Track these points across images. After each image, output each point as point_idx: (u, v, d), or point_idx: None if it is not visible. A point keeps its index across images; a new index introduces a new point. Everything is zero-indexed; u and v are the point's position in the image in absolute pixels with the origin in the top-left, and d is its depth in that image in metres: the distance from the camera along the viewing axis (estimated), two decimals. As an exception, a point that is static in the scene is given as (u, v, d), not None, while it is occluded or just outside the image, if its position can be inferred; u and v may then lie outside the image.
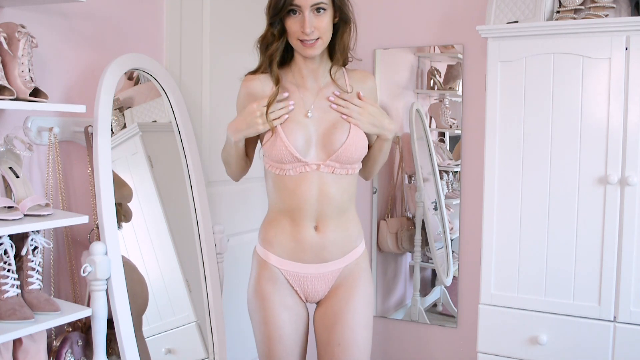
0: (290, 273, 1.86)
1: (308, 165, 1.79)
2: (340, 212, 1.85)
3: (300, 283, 1.87)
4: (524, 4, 2.32)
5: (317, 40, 1.76)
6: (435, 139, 2.95)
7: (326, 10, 1.76)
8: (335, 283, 1.89)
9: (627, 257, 2.15)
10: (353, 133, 1.81)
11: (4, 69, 1.76)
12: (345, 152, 1.79)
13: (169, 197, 2.43)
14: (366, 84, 1.92)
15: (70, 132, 2.13)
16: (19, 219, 1.76)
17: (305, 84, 1.86)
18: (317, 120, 1.82)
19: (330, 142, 1.80)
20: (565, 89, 2.21)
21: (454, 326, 2.88)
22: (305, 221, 1.82)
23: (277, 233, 1.85)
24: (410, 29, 2.87)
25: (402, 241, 2.98)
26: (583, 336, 2.22)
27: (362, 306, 1.88)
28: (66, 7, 2.07)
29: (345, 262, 1.88)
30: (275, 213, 1.88)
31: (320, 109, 1.83)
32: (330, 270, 1.87)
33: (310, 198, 1.80)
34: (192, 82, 2.59)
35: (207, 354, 2.42)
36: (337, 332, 1.85)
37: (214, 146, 2.69)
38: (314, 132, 1.81)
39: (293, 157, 1.77)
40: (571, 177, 2.22)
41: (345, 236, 1.87)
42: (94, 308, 1.93)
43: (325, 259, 1.85)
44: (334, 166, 1.81)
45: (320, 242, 1.83)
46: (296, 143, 1.78)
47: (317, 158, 1.80)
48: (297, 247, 1.83)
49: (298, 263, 1.85)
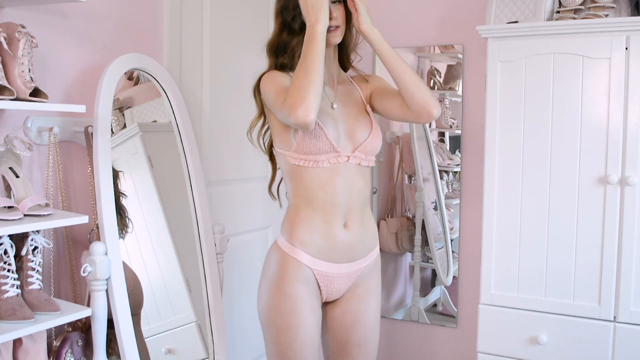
0: (321, 273, 1.82)
1: (341, 156, 1.80)
2: (363, 206, 1.87)
3: (328, 283, 1.85)
4: (524, 4, 2.32)
5: (338, 27, 1.81)
6: (435, 139, 2.95)
7: (341, 3, 1.82)
8: (355, 282, 1.90)
9: (627, 257, 2.15)
10: (375, 124, 1.88)
11: (4, 69, 1.76)
12: (372, 142, 1.85)
13: (169, 197, 2.43)
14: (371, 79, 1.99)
15: (70, 132, 2.13)
16: (19, 219, 1.76)
17: None
18: (340, 113, 1.85)
19: (357, 133, 1.84)
20: (565, 89, 2.21)
21: (454, 326, 2.88)
22: (337, 217, 1.81)
23: (310, 231, 1.81)
24: (410, 29, 2.87)
25: (402, 241, 2.98)
26: (583, 336, 2.22)
27: (378, 305, 1.95)
28: (66, 7, 2.07)
29: (367, 261, 1.90)
30: (304, 210, 1.81)
31: (340, 102, 1.88)
32: (355, 270, 1.88)
33: (342, 191, 1.81)
34: (192, 82, 2.59)
35: (207, 354, 2.42)
36: (358, 331, 1.88)
37: (214, 146, 2.69)
38: (341, 123, 1.84)
39: (330, 146, 1.78)
40: (571, 177, 2.22)
41: (367, 234, 1.89)
42: (94, 308, 1.93)
43: (352, 258, 1.86)
44: (360, 157, 1.83)
45: (350, 240, 1.84)
46: (330, 132, 1.79)
47: (346, 149, 1.82)
48: (329, 247, 1.82)
49: (329, 263, 1.83)
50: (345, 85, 1.95)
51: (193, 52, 2.59)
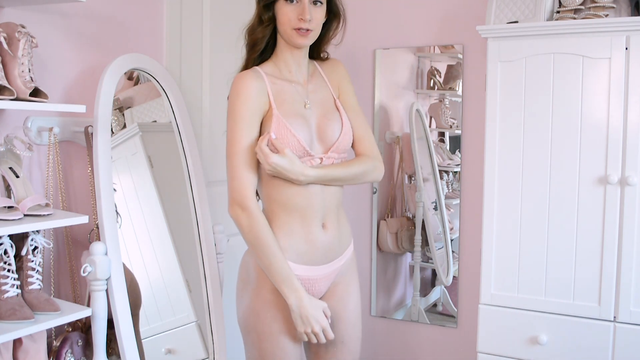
0: (301, 278, 1.78)
1: (314, 159, 1.78)
2: (338, 205, 1.87)
3: (309, 287, 1.81)
4: (524, 4, 2.32)
5: (312, 31, 1.77)
6: (435, 139, 2.95)
7: (322, 4, 1.79)
8: (334, 280, 1.89)
9: (627, 257, 2.15)
10: (344, 120, 1.84)
11: (4, 69, 1.76)
12: (344, 141, 1.82)
13: (169, 197, 2.43)
14: (337, 70, 1.94)
15: (70, 132, 2.13)
16: (19, 219, 1.76)
17: (293, 76, 1.85)
18: (313, 111, 1.82)
19: (328, 133, 1.81)
20: (565, 89, 2.21)
21: (454, 326, 2.88)
22: (314, 219, 1.80)
23: (289, 237, 1.77)
24: (410, 29, 2.87)
25: (402, 241, 2.98)
26: (583, 336, 2.22)
27: (358, 301, 1.93)
28: (66, 7, 2.07)
29: (343, 260, 1.89)
30: (281, 215, 1.78)
31: (312, 100, 1.84)
32: (334, 269, 1.87)
33: (318, 192, 1.79)
34: (192, 82, 2.59)
35: (207, 354, 2.42)
36: (340, 329, 1.87)
37: (214, 146, 2.69)
38: (313, 123, 1.81)
39: (304, 151, 1.75)
40: (571, 177, 2.22)
41: (342, 232, 1.89)
42: (94, 308, 1.93)
43: (330, 258, 1.85)
44: (333, 158, 1.81)
45: (329, 240, 1.83)
46: (304, 137, 1.77)
47: (319, 151, 1.80)
48: (308, 250, 1.80)
49: (309, 266, 1.80)
50: (315, 79, 1.90)
51: (193, 52, 2.59)
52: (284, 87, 1.81)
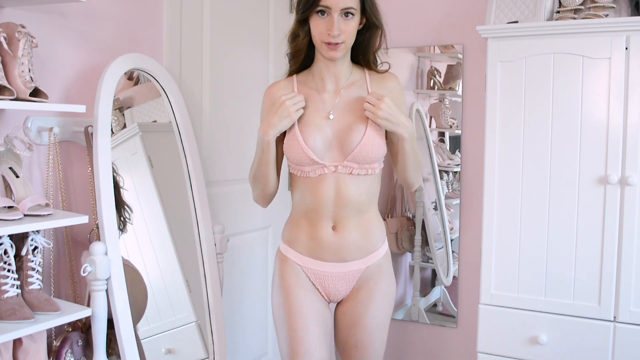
0: (310, 270, 1.88)
1: (326, 167, 1.81)
2: (358, 212, 1.86)
3: (321, 281, 1.89)
4: (524, 4, 2.32)
5: (342, 44, 1.77)
6: (435, 139, 2.95)
7: (354, 16, 1.78)
8: (356, 284, 1.90)
9: (627, 257, 2.15)
10: (369, 132, 1.81)
11: (4, 69, 1.76)
12: (361, 151, 1.80)
13: (169, 197, 2.43)
14: (386, 84, 1.90)
15: (70, 132, 2.13)
16: (19, 219, 1.76)
17: (325, 86, 1.87)
18: (335, 122, 1.84)
19: (347, 142, 1.81)
20: (565, 89, 2.21)
21: (454, 326, 2.88)
22: (322, 222, 1.85)
23: (297, 232, 1.90)
24: (410, 29, 2.87)
25: (402, 241, 2.98)
26: (583, 336, 2.22)
27: (382, 309, 1.90)
28: (66, 7, 2.07)
29: (366, 264, 1.89)
30: (296, 213, 1.92)
31: (339, 110, 1.85)
32: (351, 271, 1.88)
33: (327, 200, 1.83)
34: (192, 82, 2.59)
35: (207, 354, 2.42)
36: (356, 334, 1.89)
37: (214, 146, 2.69)
38: (331, 134, 1.83)
39: (310, 159, 1.80)
40: (571, 177, 2.22)
41: (365, 237, 1.88)
42: (94, 308, 1.93)
43: (344, 258, 1.87)
44: (351, 167, 1.82)
45: (338, 241, 1.85)
46: (315, 145, 1.80)
47: (335, 159, 1.82)
48: (315, 246, 1.87)
49: (317, 260, 1.87)
50: (355, 87, 1.88)
51: (193, 52, 2.59)
52: (311, 96, 1.86)
